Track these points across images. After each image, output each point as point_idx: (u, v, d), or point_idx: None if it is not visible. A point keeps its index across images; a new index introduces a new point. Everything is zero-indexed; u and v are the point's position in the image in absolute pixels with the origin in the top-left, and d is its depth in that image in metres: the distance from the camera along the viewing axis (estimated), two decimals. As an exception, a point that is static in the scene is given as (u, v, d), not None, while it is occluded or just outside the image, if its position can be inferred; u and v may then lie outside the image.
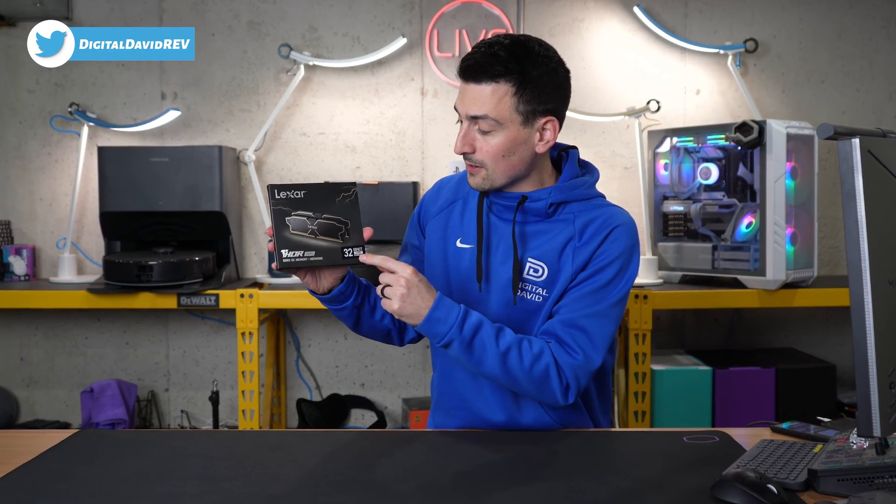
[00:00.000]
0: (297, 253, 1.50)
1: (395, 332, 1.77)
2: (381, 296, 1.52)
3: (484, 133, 1.59)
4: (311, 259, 1.50)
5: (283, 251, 1.49)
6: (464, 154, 1.62)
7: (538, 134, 1.61)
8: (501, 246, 1.66)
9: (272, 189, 1.49)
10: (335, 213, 1.52)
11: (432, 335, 1.53)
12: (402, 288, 1.50)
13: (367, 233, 1.54)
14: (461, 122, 1.62)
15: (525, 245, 1.64)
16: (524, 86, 1.56)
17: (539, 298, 1.63)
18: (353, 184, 1.55)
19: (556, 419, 1.67)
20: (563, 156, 1.71)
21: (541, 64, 1.58)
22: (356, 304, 1.66)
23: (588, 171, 1.72)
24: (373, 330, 1.74)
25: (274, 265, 1.53)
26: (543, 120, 1.60)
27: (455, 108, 1.63)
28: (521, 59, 1.56)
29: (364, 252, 1.53)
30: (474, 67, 1.57)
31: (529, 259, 1.64)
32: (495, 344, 1.53)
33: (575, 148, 1.72)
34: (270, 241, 1.51)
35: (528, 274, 1.63)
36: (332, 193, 1.52)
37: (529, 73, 1.56)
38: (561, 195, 1.64)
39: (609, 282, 1.60)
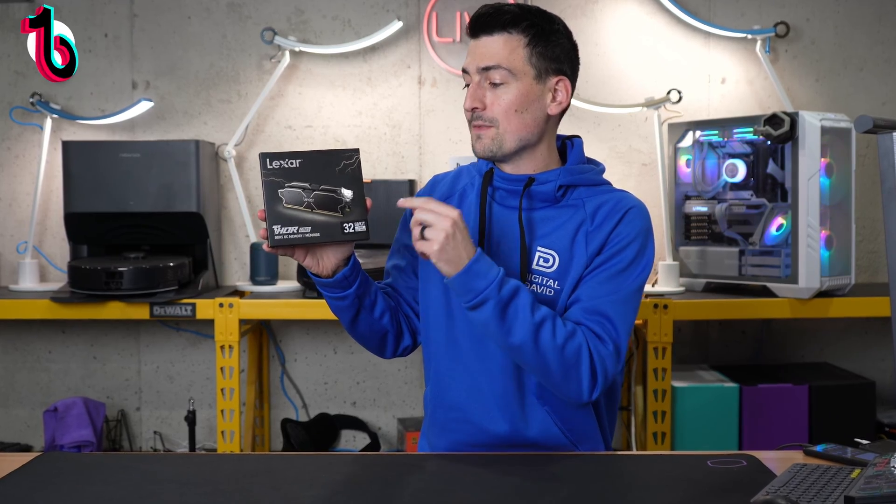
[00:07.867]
0: (291, 229, 1.47)
1: (392, 335, 1.76)
2: (418, 238, 1.51)
3: (495, 86, 1.63)
4: (307, 235, 1.48)
5: (274, 227, 1.47)
6: (473, 112, 1.64)
7: (550, 94, 1.67)
8: (506, 236, 1.67)
9: (264, 158, 1.47)
10: (335, 183, 1.50)
11: (467, 290, 1.52)
12: (446, 229, 1.48)
13: (368, 204, 1.55)
14: (469, 85, 1.66)
15: (533, 233, 1.66)
16: (537, 38, 1.63)
17: (550, 292, 1.63)
18: (356, 150, 1.53)
19: (567, 431, 1.66)
20: (567, 144, 1.76)
21: (554, 22, 1.67)
22: (359, 292, 1.65)
23: (593, 163, 1.77)
24: (370, 330, 1.73)
25: (265, 245, 1.51)
26: (556, 79, 1.67)
27: (463, 71, 1.67)
28: (534, 13, 1.65)
29: (367, 226, 1.52)
30: (485, 18, 1.63)
31: (539, 248, 1.65)
32: (530, 313, 1.53)
33: (579, 137, 1.77)
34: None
35: (537, 264, 1.64)
36: (332, 162, 1.50)
37: (542, 27, 1.64)
38: (570, 177, 1.68)
39: (628, 266, 1.63)
